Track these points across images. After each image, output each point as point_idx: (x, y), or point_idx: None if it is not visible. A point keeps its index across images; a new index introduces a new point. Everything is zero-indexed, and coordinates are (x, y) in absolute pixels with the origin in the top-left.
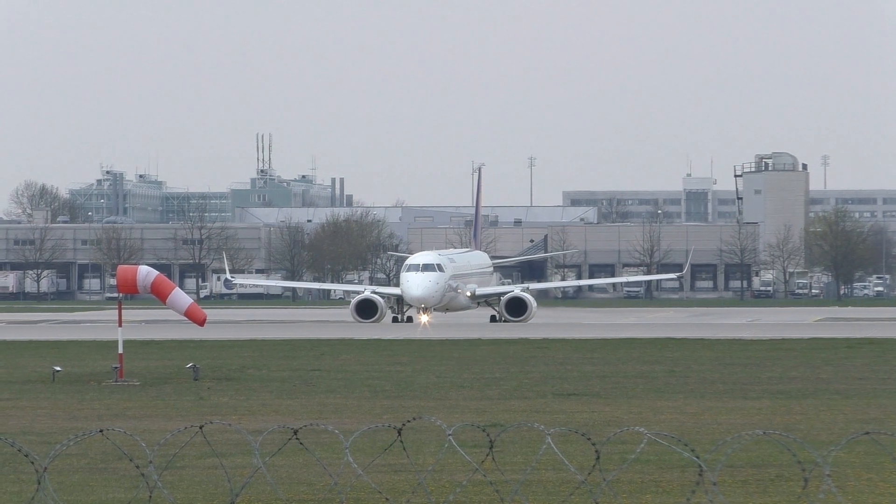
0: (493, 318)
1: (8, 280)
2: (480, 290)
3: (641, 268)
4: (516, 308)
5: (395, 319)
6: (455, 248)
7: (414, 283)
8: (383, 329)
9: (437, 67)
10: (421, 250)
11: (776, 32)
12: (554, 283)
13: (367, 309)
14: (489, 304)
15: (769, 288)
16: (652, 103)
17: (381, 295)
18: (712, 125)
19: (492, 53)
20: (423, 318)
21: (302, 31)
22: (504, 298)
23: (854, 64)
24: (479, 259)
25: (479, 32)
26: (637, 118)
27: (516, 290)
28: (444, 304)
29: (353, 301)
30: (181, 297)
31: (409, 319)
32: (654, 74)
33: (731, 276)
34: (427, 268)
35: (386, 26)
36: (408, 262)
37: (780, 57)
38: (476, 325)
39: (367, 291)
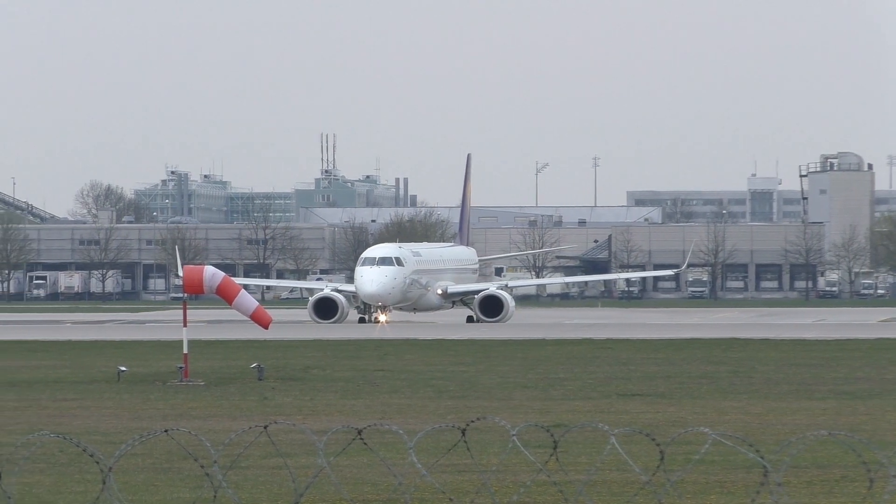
0: (469, 319)
1: (73, 280)
2: (453, 288)
3: (706, 268)
4: (491, 308)
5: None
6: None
7: (368, 279)
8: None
9: (502, 67)
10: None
11: (843, 31)
12: (534, 281)
13: (326, 308)
14: (465, 304)
15: (834, 288)
16: (716, 103)
17: (344, 293)
18: (777, 125)
19: (557, 53)
20: (381, 318)
21: (367, 31)
22: (478, 297)
23: None
24: (458, 254)
25: (543, 31)
26: (701, 117)
27: (492, 287)
28: (410, 302)
29: (311, 300)
30: (247, 300)
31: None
32: (718, 74)
33: (796, 277)
34: (384, 261)
35: (449, 26)
36: (363, 254)
37: (847, 56)
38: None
39: (327, 289)
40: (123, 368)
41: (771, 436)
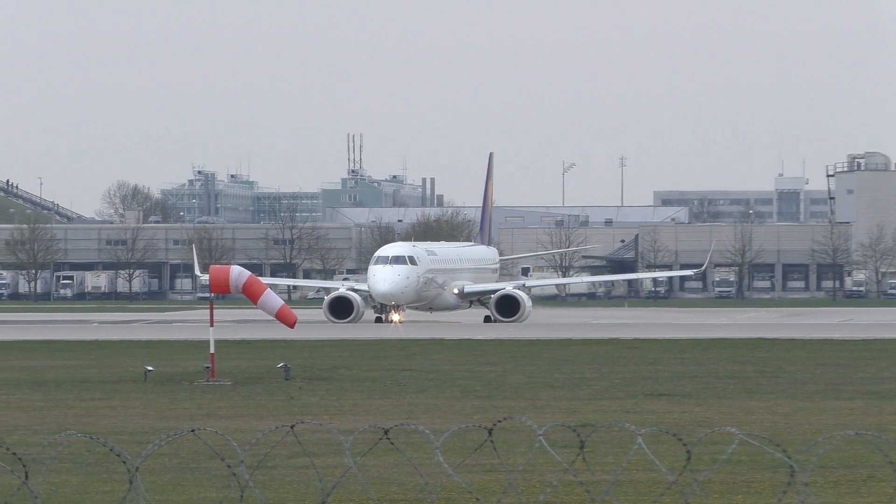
0: (487, 319)
1: (100, 280)
2: (469, 288)
3: (733, 268)
4: (508, 307)
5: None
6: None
7: (380, 277)
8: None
9: (527, 67)
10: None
11: (870, 31)
12: (553, 280)
13: (341, 308)
14: (482, 304)
15: (861, 288)
16: (744, 103)
17: (360, 292)
18: (804, 125)
19: (585, 52)
20: (395, 318)
21: (393, 33)
22: (494, 297)
23: None
24: (476, 254)
25: (568, 31)
26: (728, 117)
27: (508, 287)
28: (425, 301)
29: (327, 299)
30: (273, 299)
31: None
32: (746, 73)
33: (823, 277)
34: (397, 260)
35: (474, 26)
36: (377, 253)
37: (874, 56)
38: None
39: (342, 288)
40: (150, 368)
41: (798, 436)
